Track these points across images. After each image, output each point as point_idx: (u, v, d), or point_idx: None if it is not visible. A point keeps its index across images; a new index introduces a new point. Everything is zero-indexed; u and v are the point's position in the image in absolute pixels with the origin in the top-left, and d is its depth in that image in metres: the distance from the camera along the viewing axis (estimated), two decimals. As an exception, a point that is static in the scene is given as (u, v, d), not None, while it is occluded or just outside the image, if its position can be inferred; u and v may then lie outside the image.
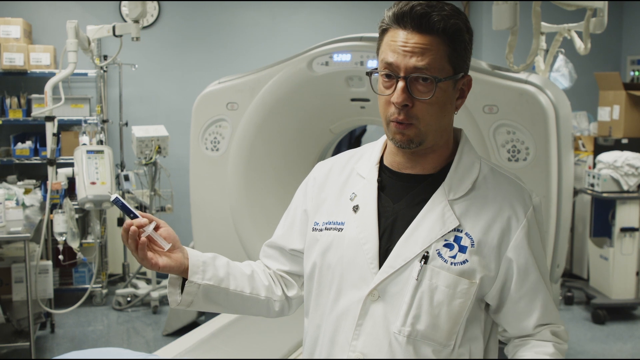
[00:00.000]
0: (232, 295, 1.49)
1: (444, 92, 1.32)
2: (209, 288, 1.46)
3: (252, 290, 1.52)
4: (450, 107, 1.36)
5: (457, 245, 1.34)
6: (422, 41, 1.29)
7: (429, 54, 1.29)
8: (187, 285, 1.44)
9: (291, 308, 1.60)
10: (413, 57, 1.29)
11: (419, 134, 1.33)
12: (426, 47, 1.29)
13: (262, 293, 1.53)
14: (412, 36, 1.29)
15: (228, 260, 1.53)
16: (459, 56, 1.33)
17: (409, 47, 1.29)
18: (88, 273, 5.25)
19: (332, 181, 1.50)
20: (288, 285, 1.58)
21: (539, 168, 3.26)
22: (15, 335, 3.91)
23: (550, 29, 4.23)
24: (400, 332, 1.33)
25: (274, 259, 1.60)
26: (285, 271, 1.58)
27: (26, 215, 4.07)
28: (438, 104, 1.32)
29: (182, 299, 1.46)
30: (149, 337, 4.53)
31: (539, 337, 1.40)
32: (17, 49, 5.04)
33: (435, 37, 1.29)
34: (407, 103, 1.30)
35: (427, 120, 1.32)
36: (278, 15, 6.09)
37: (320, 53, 3.57)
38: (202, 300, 1.46)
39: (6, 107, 5.18)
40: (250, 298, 1.51)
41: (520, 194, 1.39)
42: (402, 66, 1.29)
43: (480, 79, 3.33)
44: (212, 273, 1.46)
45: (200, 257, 1.47)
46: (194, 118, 3.96)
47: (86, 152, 4.12)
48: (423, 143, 1.35)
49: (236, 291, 1.50)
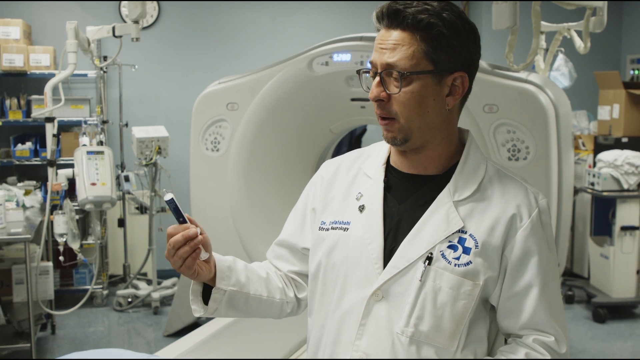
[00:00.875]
0: (251, 299, 1.48)
1: (423, 87, 1.32)
2: (232, 294, 1.44)
3: (268, 294, 1.51)
4: (434, 103, 1.34)
5: (461, 247, 1.34)
6: (395, 38, 1.32)
7: (399, 50, 1.31)
8: (215, 292, 1.42)
9: (300, 308, 1.59)
10: (385, 53, 1.32)
11: (401, 129, 1.35)
12: (397, 43, 1.31)
13: (277, 296, 1.52)
14: (389, 33, 1.33)
15: (245, 263, 1.52)
16: (439, 52, 1.31)
17: (384, 44, 1.33)
18: (89, 274, 5.24)
19: (339, 180, 1.50)
20: (299, 287, 1.58)
21: (539, 167, 3.26)
22: (16, 337, 3.91)
23: (550, 28, 4.23)
24: (403, 333, 1.33)
25: (285, 260, 1.58)
26: (296, 272, 1.58)
27: (26, 216, 4.06)
28: (415, 99, 1.32)
29: (209, 307, 1.43)
30: (149, 338, 4.53)
31: (522, 340, 1.38)
32: (17, 50, 5.04)
33: (408, 33, 1.31)
34: (381, 98, 1.33)
35: (406, 115, 1.33)
36: (278, 16, 6.09)
37: (320, 53, 3.57)
38: (224, 306, 1.45)
39: (6, 108, 5.18)
40: (266, 301, 1.51)
41: (525, 196, 1.38)
42: (378, 63, 1.34)
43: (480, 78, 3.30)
44: (235, 278, 1.45)
45: (225, 262, 1.45)
46: (194, 118, 3.96)
47: (86, 153, 4.12)
48: (409, 140, 1.36)
49: (255, 295, 1.48)
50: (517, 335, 1.40)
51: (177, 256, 1.33)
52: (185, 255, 1.33)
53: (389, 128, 1.36)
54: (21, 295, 4.21)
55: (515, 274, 1.36)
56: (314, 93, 3.66)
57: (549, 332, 1.37)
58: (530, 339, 1.37)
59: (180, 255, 1.33)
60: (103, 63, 5.01)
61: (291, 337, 3.34)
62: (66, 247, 4.05)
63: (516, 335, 1.40)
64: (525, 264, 1.35)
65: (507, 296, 1.37)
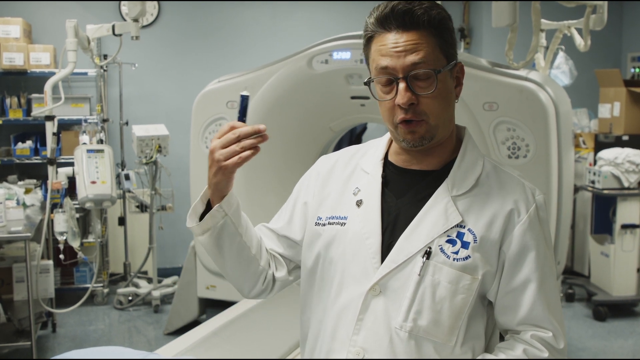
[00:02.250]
0: (239, 245, 1.44)
1: (444, 83, 1.34)
2: (228, 223, 1.41)
3: (255, 252, 1.48)
4: (452, 96, 1.38)
5: (459, 241, 1.34)
6: (412, 38, 1.30)
7: (422, 49, 1.30)
8: (216, 209, 1.39)
9: (272, 291, 1.55)
10: (407, 55, 1.30)
11: (429, 129, 1.34)
12: (417, 43, 1.30)
13: (261, 261, 1.49)
14: (400, 36, 1.30)
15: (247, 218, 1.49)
16: (448, 45, 1.34)
17: (401, 47, 1.30)
18: (89, 272, 5.25)
19: (336, 176, 1.50)
20: (278, 266, 1.55)
21: (539, 165, 3.25)
22: (16, 335, 3.91)
23: (550, 26, 4.22)
24: (402, 328, 1.33)
25: (269, 239, 1.56)
26: (279, 253, 1.56)
27: (27, 215, 4.07)
28: (441, 96, 1.33)
29: (204, 220, 1.40)
30: (150, 336, 4.53)
31: (520, 336, 1.38)
32: (17, 48, 5.04)
33: (422, 31, 1.30)
34: (413, 102, 1.31)
35: (436, 114, 1.33)
36: (278, 14, 6.08)
37: (320, 51, 3.57)
38: (215, 233, 1.41)
39: (6, 106, 5.18)
40: (250, 259, 1.47)
41: (523, 191, 1.39)
42: (399, 67, 1.30)
43: (481, 76, 3.32)
44: (238, 213, 1.43)
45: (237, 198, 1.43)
46: (194, 117, 3.96)
47: (86, 151, 4.12)
48: (434, 138, 1.36)
49: (244, 242, 1.45)
50: (515, 331, 1.40)
51: (240, 145, 1.29)
52: (249, 146, 1.29)
53: (416, 130, 1.33)
54: (22, 294, 4.21)
55: (512, 269, 1.36)
56: (314, 91, 3.66)
57: (547, 328, 1.37)
58: (528, 335, 1.37)
59: (243, 145, 1.29)
60: (103, 61, 5.01)
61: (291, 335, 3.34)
62: (66, 245, 4.05)
63: (514, 331, 1.40)
64: (523, 259, 1.35)
65: (505, 291, 1.37)
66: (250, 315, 3.62)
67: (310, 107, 3.75)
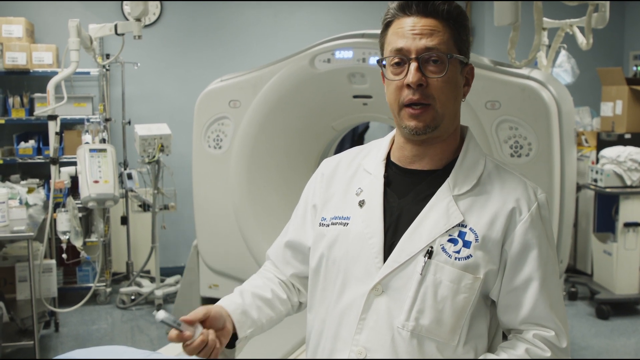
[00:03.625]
0: (265, 325, 1.53)
1: (455, 73, 1.37)
2: (251, 334, 1.49)
3: (277, 314, 1.55)
4: (460, 90, 1.40)
5: (461, 240, 1.34)
6: (429, 24, 1.35)
7: (437, 35, 1.34)
8: (238, 342, 1.47)
9: (300, 308, 1.63)
10: (423, 38, 1.34)
11: (435, 116, 1.35)
12: (434, 29, 1.34)
13: (283, 310, 1.57)
14: (419, 20, 1.35)
15: (251, 292, 1.53)
16: (462, 41, 1.38)
17: (418, 30, 1.34)
18: (92, 272, 5.26)
19: (339, 177, 1.51)
20: (301, 292, 1.60)
21: (541, 164, 3.25)
22: (19, 334, 3.92)
23: (552, 25, 4.22)
24: (404, 327, 1.33)
25: (288, 263, 1.59)
26: (298, 275, 1.59)
27: (29, 214, 4.07)
28: (451, 83, 1.36)
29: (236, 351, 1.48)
30: (152, 336, 4.54)
31: (522, 336, 1.38)
32: (20, 48, 5.05)
33: (440, 20, 1.35)
34: (422, 82, 1.33)
35: (443, 100, 1.35)
36: (280, 13, 6.08)
37: (322, 50, 3.57)
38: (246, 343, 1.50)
39: (9, 106, 5.19)
40: (276, 319, 1.56)
41: (525, 190, 1.39)
42: (413, 48, 1.34)
43: (483, 74, 3.32)
44: (251, 320, 1.49)
45: (238, 308, 1.47)
46: (196, 116, 3.96)
47: (89, 150, 4.12)
48: (438, 127, 1.37)
49: (267, 321, 1.53)
50: (518, 331, 1.40)
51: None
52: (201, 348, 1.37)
53: (420, 116, 1.35)
54: (24, 293, 4.21)
55: (515, 268, 1.36)
56: (316, 90, 3.66)
57: (549, 327, 1.37)
58: (531, 334, 1.37)
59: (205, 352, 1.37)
60: (105, 61, 5.02)
61: (294, 334, 3.34)
62: (69, 244, 4.05)
63: (516, 330, 1.40)
64: (525, 257, 1.35)
65: (507, 290, 1.37)
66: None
67: (312, 106, 3.74)
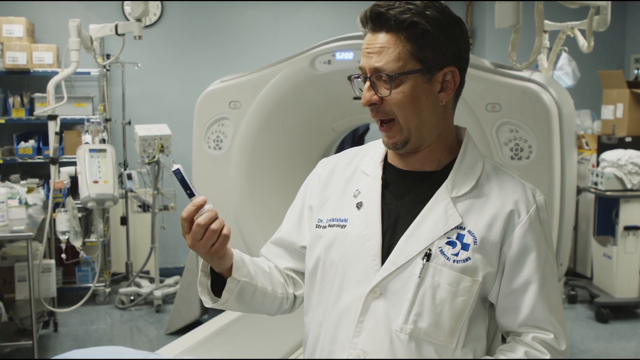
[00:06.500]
0: (258, 292, 1.46)
1: (413, 87, 1.32)
2: (244, 285, 1.43)
3: (272, 288, 1.50)
4: (427, 100, 1.34)
5: (459, 243, 1.33)
6: (380, 41, 1.32)
7: (385, 53, 1.31)
8: (230, 282, 1.41)
9: (294, 306, 1.58)
10: (373, 57, 1.33)
11: (401, 130, 1.35)
12: (383, 46, 1.32)
13: (279, 290, 1.51)
14: (374, 37, 1.34)
15: (249, 256, 1.50)
16: (425, 50, 1.31)
17: (370, 49, 1.33)
18: (91, 272, 5.25)
19: (336, 178, 1.50)
20: (296, 284, 1.57)
21: (542, 166, 3.25)
22: (18, 334, 3.91)
23: (553, 27, 4.22)
24: (402, 330, 1.32)
25: (282, 258, 1.57)
26: (292, 269, 1.57)
27: (29, 214, 4.07)
28: (407, 99, 1.32)
29: (222, 297, 1.41)
30: (152, 336, 4.53)
31: (521, 338, 1.38)
32: (20, 48, 5.05)
33: (392, 34, 1.31)
34: (374, 102, 1.33)
35: (403, 115, 1.33)
36: (280, 14, 6.08)
37: (322, 51, 3.57)
38: (234, 298, 1.43)
39: (9, 106, 5.19)
40: (270, 295, 1.49)
41: (523, 192, 1.38)
42: (367, 67, 1.34)
43: (483, 77, 3.32)
44: (246, 270, 1.44)
45: (238, 253, 1.44)
46: (196, 117, 3.96)
47: (89, 150, 4.12)
48: (409, 141, 1.36)
49: (261, 288, 1.47)
50: (516, 333, 1.39)
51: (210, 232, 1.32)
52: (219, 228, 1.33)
53: (389, 133, 1.36)
54: (23, 293, 4.21)
55: (513, 270, 1.35)
56: (317, 91, 3.66)
57: (548, 329, 1.36)
58: (530, 337, 1.36)
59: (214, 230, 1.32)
60: (106, 61, 5.01)
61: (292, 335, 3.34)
62: (68, 244, 4.05)
63: (515, 333, 1.40)
64: (524, 260, 1.35)
65: (506, 293, 1.36)
66: (252, 316, 3.62)
67: (312, 107, 3.74)
